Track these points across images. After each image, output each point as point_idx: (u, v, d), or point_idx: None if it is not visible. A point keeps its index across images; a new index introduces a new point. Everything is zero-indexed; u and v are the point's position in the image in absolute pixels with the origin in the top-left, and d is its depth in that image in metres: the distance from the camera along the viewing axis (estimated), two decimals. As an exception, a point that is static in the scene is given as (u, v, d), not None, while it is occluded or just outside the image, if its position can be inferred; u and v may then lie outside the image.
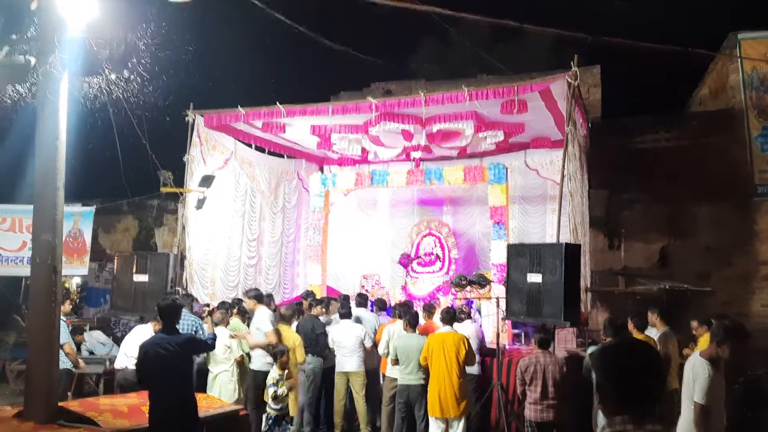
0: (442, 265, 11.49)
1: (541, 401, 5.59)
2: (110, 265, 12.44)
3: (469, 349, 6.28)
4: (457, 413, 6.04)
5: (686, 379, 3.83)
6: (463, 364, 6.18)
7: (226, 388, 7.00)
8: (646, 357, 1.90)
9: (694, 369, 3.73)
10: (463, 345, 6.23)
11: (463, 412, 6.12)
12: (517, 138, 10.45)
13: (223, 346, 7.03)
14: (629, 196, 11.37)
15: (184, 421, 4.76)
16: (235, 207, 11.02)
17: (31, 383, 5.23)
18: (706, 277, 10.53)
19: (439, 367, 6.19)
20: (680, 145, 11.36)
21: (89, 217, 10.91)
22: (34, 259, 5.40)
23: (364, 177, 10.97)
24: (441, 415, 6.07)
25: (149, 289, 8.17)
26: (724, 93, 11.34)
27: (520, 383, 5.76)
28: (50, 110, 5.45)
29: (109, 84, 6.38)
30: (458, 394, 6.07)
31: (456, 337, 6.33)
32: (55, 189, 5.43)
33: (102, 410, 5.44)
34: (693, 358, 3.86)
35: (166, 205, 14.75)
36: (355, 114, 9.36)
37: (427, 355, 6.31)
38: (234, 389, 7.05)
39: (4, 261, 10.06)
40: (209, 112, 9.85)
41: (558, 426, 5.60)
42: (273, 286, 11.77)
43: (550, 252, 6.55)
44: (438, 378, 6.19)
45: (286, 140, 11.34)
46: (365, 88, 14.79)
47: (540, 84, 8.28)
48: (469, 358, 6.28)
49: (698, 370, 3.69)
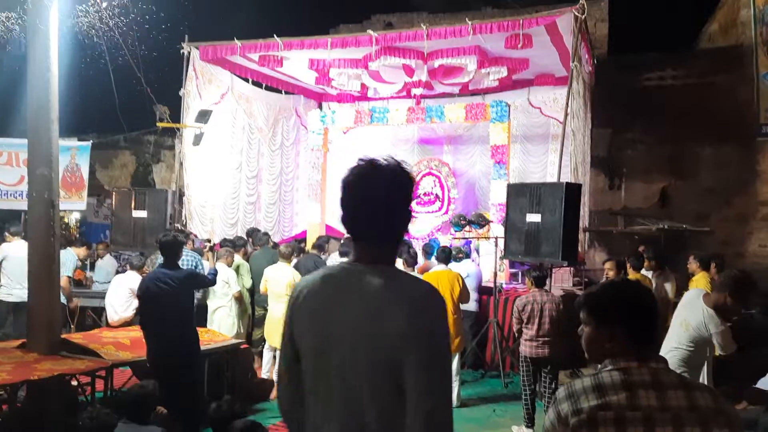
0: (442, 205, 11.47)
1: (536, 338, 5.68)
2: (108, 200, 12.42)
3: (463, 287, 6.33)
4: (453, 348, 6.16)
5: (685, 319, 3.72)
6: (458, 301, 6.25)
7: (225, 323, 7.09)
8: (644, 296, 1.88)
9: (705, 319, 3.59)
10: (457, 283, 6.28)
11: (457, 348, 6.24)
12: (520, 75, 10.24)
13: (221, 282, 7.08)
14: (632, 135, 11.26)
15: (184, 354, 4.85)
16: (233, 143, 10.90)
17: (33, 316, 5.29)
18: (706, 218, 10.56)
19: None
20: (686, 83, 11.15)
21: (86, 151, 10.78)
22: (30, 193, 5.36)
23: (363, 114, 10.80)
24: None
25: (149, 225, 8.17)
26: (734, 29, 11.03)
27: (516, 321, 5.83)
28: (41, 40, 5.29)
29: (101, 14, 6.17)
30: (452, 331, 6.16)
31: (450, 275, 6.37)
32: (48, 122, 5.33)
33: (105, 342, 5.54)
34: (696, 301, 3.71)
35: (164, 141, 14.61)
36: (354, 48, 9.12)
37: None
38: (233, 324, 7.14)
39: (3, 195, 10.02)
40: (205, 45, 9.61)
41: (552, 361, 5.72)
42: (272, 224, 11.80)
43: (550, 192, 6.54)
44: None
45: (284, 75, 11.11)
46: (365, 20, 14.38)
47: (546, 17, 8.04)
48: (463, 295, 6.34)
49: (710, 324, 3.57)
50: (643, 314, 1.84)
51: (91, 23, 6.06)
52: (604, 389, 1.72)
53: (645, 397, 1.68)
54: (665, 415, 1.66)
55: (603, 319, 1.88)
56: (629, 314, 1.84)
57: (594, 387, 1.73)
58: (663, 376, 1.74)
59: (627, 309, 1.85)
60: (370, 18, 14.49)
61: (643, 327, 1.82)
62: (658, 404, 1.67)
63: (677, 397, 1.68)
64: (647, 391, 1.69)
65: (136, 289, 6.58)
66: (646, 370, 1.74)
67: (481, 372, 7.58)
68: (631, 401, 1.68)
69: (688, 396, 1.68)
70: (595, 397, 1.70)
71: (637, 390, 1.70)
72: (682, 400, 1.67)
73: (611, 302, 1.89)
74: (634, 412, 1.67)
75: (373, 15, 14.60)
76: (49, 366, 4.65)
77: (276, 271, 7.06)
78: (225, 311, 7.17)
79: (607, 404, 1.69)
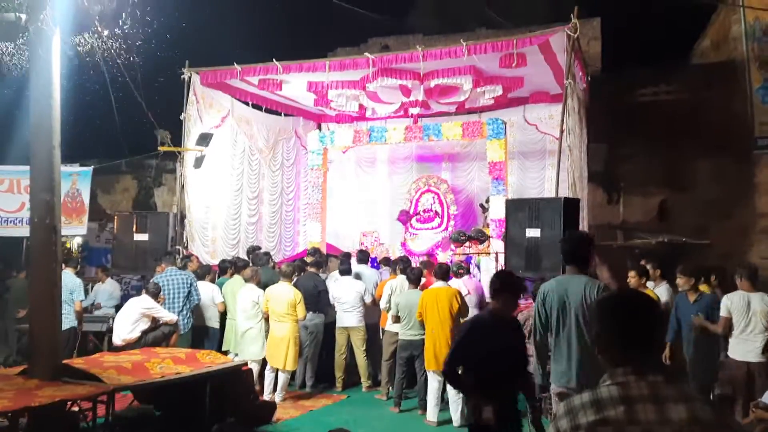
0: (441, 221, 11.52)
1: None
2: (110, 225, 12.46)
3: (461, 302, 6.32)
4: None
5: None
6: (457, 317, 6.22)
7: (255, 344, 7.11)
8: (645, 306, 1.88)
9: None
10: (456, 299, 6.27)
11: None
12: (515, 93, 10.35)
13: (251, 302, 7.11)
14: (629, 150, 11.31)
15: None
16: (234, 165, 10.98)
17: (35, 341, 5.29)
18: (705, 231, 10.56)
19: (433, 321, 6.26)
20: (681, 98, 11.24)
21: (87, 176, 10.87)
22: (32, 219, 5.40)
23: (362, 134, 10.90)
24: (437, 368, 6.17)
25: (150, 248, 8.22)
26: (725, 44, 11.16)
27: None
28: (43, 68, 5.37)
29: (102, 41, 6.26)
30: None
31: (449, 291, 6.37)
32: (50, 148, 5.38)
33: (106, 367, 5.52)
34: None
35: (165, 165, 14.68)
36: (352, 70, 9.25)
37: (422, 311, 6.37)
38: (262, 345, 7.15)
39: (3, 222, 10.07)
40: (205, 70, 9.73)
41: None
42: (274, 244, 11.84)
43: (548, 206, 6.59)
44: (433, 332, 6.26)
45: (283, 97, 11.23)
46: (362, 43, 14.54)
47: (539, 37, 8.15)
48: (463, 311, 6.33)
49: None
50: (637, 325, 1.84)
51: (93, 51, 6.15)
52: (602, 404, 1.70)
53: (643, 411, 1.67)
54: (665, 428, 1.64)
55: (599, 329, 1.90)
56: (623, 325, 1.84)
57: (592, 402, 1.71)
58: (662, 389, 1.72)
59: (621, 320, 1.85)
60: (367, 41, 14.65)
61: (637, 338, 1.82)
62: (657, 418, 1.65)
63: (677, 410, 1.66)
64: (645, 405, 1.68)
65: (146, 311, 6.68)
66: (645, 383, 1.72)
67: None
68: (629, 415, 1.66)
69: (688, 409, 1.66)
70: (593, 412, 1.69)
71: (635, 404, 1.68)
72: (682, 413, 1.65)
73: (606, 313, 1.90)
74: (633, 426, 1.65)
75: (370, 38, 14.76)
76: (50, 392, 4.63)
77: (277, 290, 7.10)
78: (255, 332, 7.17)
79: (605, 419, 1.67)
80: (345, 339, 7.68)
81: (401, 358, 6.82)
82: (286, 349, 6.94)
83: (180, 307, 7.19)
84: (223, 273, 8.24)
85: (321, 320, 7.71)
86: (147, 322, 6.77)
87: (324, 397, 7.48)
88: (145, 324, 6.76)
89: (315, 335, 7.64)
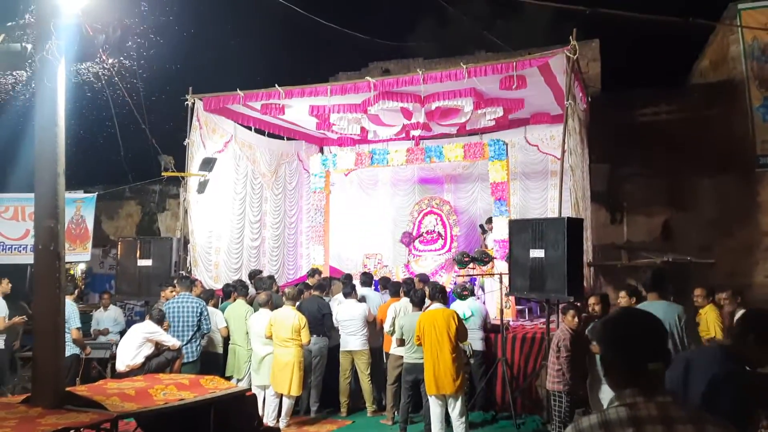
0: (444, 243, 11.52)
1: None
2: (114, 250, 12.48)
3: (459, 324, 6.15)
4: (453, 390, 6.02)
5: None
6: (455, 339, 6.09)
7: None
8: (650, 325, 1.88)
9: None
10: (453, 320, 6.10)
11: (459, 388, 6.06)
12: (516, 114, 10.41)
13: (268, 327, 7.07)
14: (630, 169, 11.33)
15: None
16: (237, 190, 11.03)
17: (38, 369, 5.25)
18: (709, 249, 10.52)
19: (431, 344, 6.12)
20: (681, 117, 11.29)
21: (91, 203, 10.92)
22: (36, 245, 5.40)
23: (364, 157, 10.95)
24: (437, 392, 6.06)
25: (153, 273, 8.21)
26: (724, 64, 11.24)
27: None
28: (48, 97, 5.41)
29: (107, 69, 6.34)
30: (452, 370, 6.00)
31: (446, 313, 6.22)
32: (55, 175, 5.40)
33: (109, 394, 5.47)
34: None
35: (168, 190, 14.76)
36: (353, 94, 9.34)
37: (420, 334, 6.27)
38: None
39: (8, 249, 10.09)
40: (208, 96, 9.83)
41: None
42: (277, 268, 11.84)
43: (552, 227, 6.55)
44: (431, 355, 6.13)
45: (286, 122, 11.31)
46: (363, 68, 14.69)
47: (538, 59, 8.22)
48: (461, 333, 6.18)
49: None
50: (644, 345, 1.82)
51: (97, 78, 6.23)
52: (610, 426, 1.69)
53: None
54: None
55: (604, 349, 1.89)
56: (629, 344, 1.83)
57: (601, 424, 1.70)
58: (671, 410, 1.71)
59: (627, 339, 1.84)
60: (368, 65, 14.81)
61: (644, 358, 1.80)
62: None
63: (686, 431, 1.65)
64: (654, 426, 1.66)
65: (149, 336, 6.64)
66: (653, 404, 1.71)
67: (492, 413, 7.40)
68: None
69: (698, 430, 1.65)
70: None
71: (644, 425, 1.67)
72: None
73: (611, 332, 1.90)
74: None
75: (370, 62, 14.92)
76: (53, 420, 4.59)
77: (282, 314, 7.05)
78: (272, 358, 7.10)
79: None
80: (349, 363, 7.62)
81: (406, 381, 6.72)
82: (291, 374, 6.86)
83: (189, 335, 7.10)
84: (227, 297, 8.21)
85: (325, 344, 7.65)
86: (150, 347, 6.72)
87: (329, 422, 7.38)
88: (149, 349, 6.71)
89: (319, 359, 7.59)
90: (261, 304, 7.31)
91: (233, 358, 7.59)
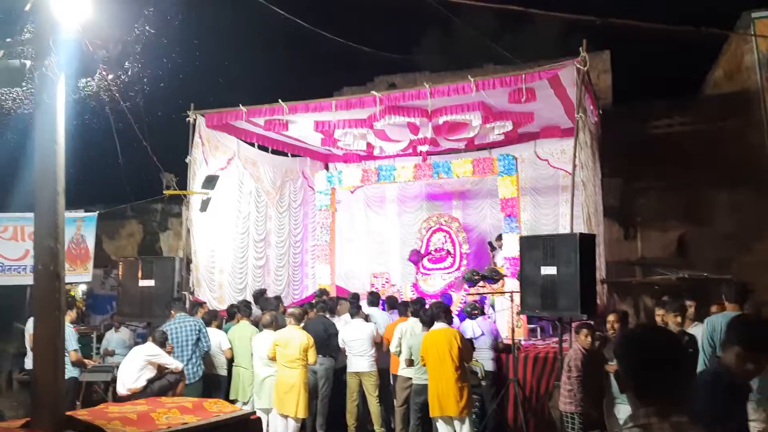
0: (453, 261, 11.28)
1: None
2: (115, 271, 12.34)
3: (462, 344, 6.04)
4: (456, 411, 5.84)
5: None
6: (459, 360, 5.94)
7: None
8: (669, 344, 1.80)
9: None
10: (455, 340, 6.00)
11: (463, 410, 5.89)
12: (526, 128, 10.25)
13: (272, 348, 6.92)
14: (644, 183, 11.15)
15: None
16: (240, 208, 10.88)
17: (37, 393, 5.11)
18: (726, 265, 10.28)
19: (434, 364, 6.02)
20: (695, 129, 11.14)
21: (92, 222, 10.80)
22: (36, 266, 5.28)
23: (370, 173, 10.80)
24: (441, 413, 5.93)
25: (156, 294, 8.04)
26: (739, 74, 11.08)
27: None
28: (47, 114, 5.30)
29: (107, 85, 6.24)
30: (455, 391, 5.86)
31: (448, 332, 6.11)
32: (54, 194, 5.28)
33: (111, 418, 5.32)
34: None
35: (171, 209, 14.66)
36: (359, 108, 9.21)
37: (424, 354, 6.12)
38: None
39: (7, 270, 9.96)
40: (210, 112, 9.72)
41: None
42: (282, 287, 11.65)
43: (563, 243, 6.37)
44: (434, 376, 6.02)
45: (290, 138, 11.19)
46: (369, 82, 14.63)
47: (548, 71, 8.08)
48: (464, 354, 6.05)
49: None
50: (659, 363, 1.75)
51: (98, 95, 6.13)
52: None
53: None
54: None
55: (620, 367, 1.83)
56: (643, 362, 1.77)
57: None
58: (687, 430, 1.65)
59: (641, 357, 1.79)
60: (374, 79, 14.75)
61: (659, 377, 1.73)
62: None
63: None
64: None
65: (151, 359, 6.47)
66: (668, 425, 1.65)
67: (504, 436, 7.20)
68: None
69: None
70: None
71: None
72: None
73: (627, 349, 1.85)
74: None
75: (376, 76, 14.86)
76: (51, 446, 4.44)
77: (287, 334, 6.88)
78: (275, 380, 6.94)
79: None
80: (357, 384, 7.41)
81: (416, 403, 6.57)
82: (297, 396, 6.70)
83: (189, 355, 6.99)
84: (231, 318, 8.04)
85: (331, 364, 7.47)
86: (152, 370, 6.58)
87: (336, 446, 7.18)
88: (151, 372, 6.57)
89: (325, 381, 7.40)
90: (265, 325, 7.18)
91: (237, 380, 7.43)
